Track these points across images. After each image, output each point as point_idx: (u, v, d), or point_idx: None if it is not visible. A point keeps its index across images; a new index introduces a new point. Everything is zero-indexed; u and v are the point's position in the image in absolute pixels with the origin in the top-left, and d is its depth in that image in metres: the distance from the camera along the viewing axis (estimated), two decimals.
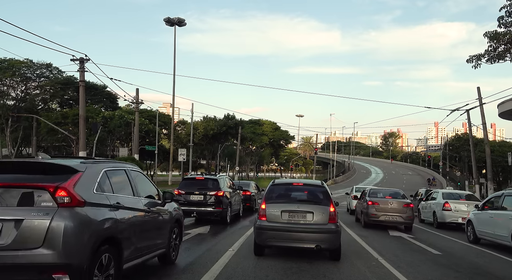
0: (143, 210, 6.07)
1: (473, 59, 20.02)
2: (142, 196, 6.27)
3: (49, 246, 4.23)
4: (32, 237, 4.23)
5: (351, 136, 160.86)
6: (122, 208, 5.40)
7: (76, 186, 4.66)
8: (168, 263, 7.21)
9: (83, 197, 4.67)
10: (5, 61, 45.92)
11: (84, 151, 20.78)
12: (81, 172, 4.90)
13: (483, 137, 31.10)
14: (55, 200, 4.42)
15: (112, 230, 5.02)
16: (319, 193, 8.72)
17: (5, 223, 4.25)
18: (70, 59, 20.50)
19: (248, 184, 22.27)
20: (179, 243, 7.72)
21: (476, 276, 7.76)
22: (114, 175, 5.65)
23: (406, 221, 15.01)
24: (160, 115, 56.50)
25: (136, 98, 31.51)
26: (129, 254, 5.44)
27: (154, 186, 7.07)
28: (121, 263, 5.21)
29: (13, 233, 4.22)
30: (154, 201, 6.70)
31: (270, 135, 79.23)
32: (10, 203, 4.43)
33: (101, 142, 48.99)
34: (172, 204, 7.46)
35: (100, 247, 4.75)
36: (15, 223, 4.24)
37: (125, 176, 6.04)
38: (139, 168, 6.94)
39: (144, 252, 6.02)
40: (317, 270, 7.33)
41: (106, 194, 5.21)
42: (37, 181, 4.55)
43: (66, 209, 4.43)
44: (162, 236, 6.74)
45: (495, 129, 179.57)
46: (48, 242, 4.23)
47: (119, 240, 5.15)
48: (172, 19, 29.37)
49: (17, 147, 51.13)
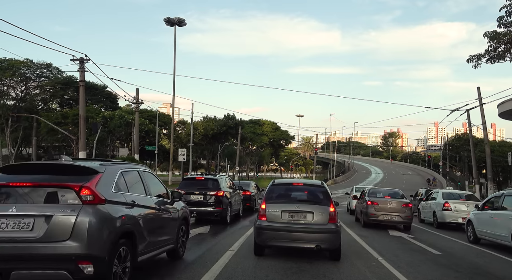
0: (154, 208, 6.54)
1: (473, 59, 20.00)
2: (153, 195, 6.72)
3: (76, 239, 4.69)
4: (61, 230, 4.70)
5: (351, 136, 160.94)
6: (137, 206, 5.86)
7: (98, 186, 5.14)
8: (176, 258, 7.66)
9: (103, 195, 5.13)
10: (5, 61, 45.92)
11: (84, 151, 20.76)
12: (101, 173, 5.38)
13: (483, 137, 31.10)
14: (80, 198, 4.90)
15: (128, 225, 5.50)
16: (319, 193, 8.72)
17: (37, 218, 4.73)
18: (70, 59, 20.47)
19: (248, 184, 22.27)
20: (186, 239, 8.16)
21: (476, 276, 7.77)
22: (128, 176, 6.10)
23: (405, 221, 15.12)
24: (160, 115, 56.53)
25: (136, 98, 31.51)
26: (142, 248, 5.89)
27: (163, 186, 7.46)
28: (136, 255, 5.69)
29: (44, 227, 4.69)
30: (164, 200, 7.14)
31: (270, 135, 79.24)
32: (38, 200, 4.89)
33: (101, 142, 49.01)
34: (180, 203, 7.93)
35: (118, 241, 5.21)
36: (46, 218, 4.72)
37: (138, 176, 6.49)
38: (149, 169, 7.45)
39: (156, 247, 6.45)
40: (317, 270, 7.33)
41: (123, 193, 5.68)
42: (63, 181, 5.04)
43: (89, 206, 4.90)
44: (171, 233, 7.18)
45: (495, 129, 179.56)
46: (74, 235, 4.70)
47: (134, 235, 5.61)
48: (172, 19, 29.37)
49: (17, 147, 51.13)
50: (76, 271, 4.69)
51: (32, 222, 4.72)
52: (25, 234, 4.68)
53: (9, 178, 5.16)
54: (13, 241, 4.64)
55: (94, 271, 4.75)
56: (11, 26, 14.94)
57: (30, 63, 46.73)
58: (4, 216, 4.74)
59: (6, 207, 4.79)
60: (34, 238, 4.65)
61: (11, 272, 4.65)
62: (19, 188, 4.99)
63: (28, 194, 4.95)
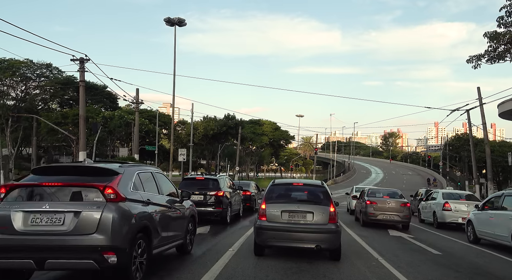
0: (166, 206, 7.16)
1: (473, 59, 20.01)
2: (165, 194, 7.37)
3: (101, 232, 5.25)
4: (88, 224, 5.26)
5: (351, 136, 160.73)
6: (151, 204, 6.46)
7: (119, 185, 5.73)
8: (185, 253, 8.30)
9: (124, 194, 5.72)
10: (5, 61, 45.90)
11: (84, 151, 20.72)
12: (121, 174, 5.98)
13: (483, 137, 31.09)
14: (104, 196, 5.47)
15: (145, 221, 6.08)
16: (319, 193, 8.72)
17: (67, 214, 5.31)
18: (70, 59, 20.42)
19: (248, 184, 22.28)
20: (193, 236, 8.79)
21: (476, 276, 7.77)
22: (143, 176, 6.71)
23: (403, 220, 15.31)
24: (160, 115, 56.51)
25: (136, 98, 31.48)
26: (157, 242, 6.50)
27: (173, 186, 8.12)
28: (151, 249, 6.29)
29: (74, 221, 5.26)
30: (174, 198, 7.78)
31: (270, 135, 79.25)
32: (67, 198, 5.47)
33: (101, 142, 48.99)
34: (188, 201, 8.56)
35: (136, 234, 5.79)
36: (75, 214, 5.30)
37: (152, 177, 7.10)
38: (161, 170, 8.07)
39: (167, 242, 7.07)
40: (317, 270, 7.33)
41: (139, 192, 6.27)
42: (89, 181, 5.64)
43: (112, 203, 5.48)
44: (180, 229, 7.80)
45: (495, 129, 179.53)
46: (100, 229, 5.25)
47: (150, 230, 6.20)
48: (172, 19, 29.34)
49: (17, 147, 51.12)
50: (102, 261, 5.23)
51: (63, 217, 5.30)
52: (57, 228, 5.26)
53: (41, 178, 5.75)
54: (47, 234, 5.22)
55: (117, 260, 5.29)
56: (11, 26, 14.92)
57: (30, 63, 46.69)
58: (38, 212, 5.32)
59: (40, 204, 5.38)
60: (65, 231, 5.23)
61: (45, 261, 5.17)
62: (50, 187, 5.56)
63: (59, 193, 5.52)
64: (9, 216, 5.28)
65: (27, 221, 5.29)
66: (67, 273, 6.55)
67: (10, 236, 5.21)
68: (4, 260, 5.23)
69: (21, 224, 5.27)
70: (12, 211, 5.31)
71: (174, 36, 30.75)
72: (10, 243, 5.19)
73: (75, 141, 39.08)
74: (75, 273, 6.53)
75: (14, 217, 5.28)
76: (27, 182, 5.77)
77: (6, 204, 5.41)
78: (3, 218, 5.28)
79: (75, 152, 38.78)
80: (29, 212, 5.32)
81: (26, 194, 5.57)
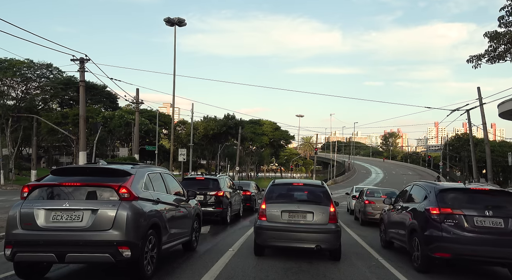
0: (173, 204, 7.60)
1: (473, 59, 20.00)
2: (172, 193, 7.83)
3: (116, 228, 5.66)
4: (105, 221, 5.67)
5: (351, 136, 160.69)
6: (161, 203, 6.89)
7: (132, 185, 6.11)
8: (191, 250, 8.70)
9: (136, 193, 6.11)
10: (5, 61, 45.94)
11: (84, 151, 20.71)
12: (133, 174, 6.36)
13: (483, 137, 31.09)
14: (119, 195, 5.88)
15: (155, 218, 6.49)
16: (319, 193, 8.71)
17: (85, 211, 5.71)
18: (70, 59, 20.43)
19: (248, 184, 22.28)
20: (198, 233, 9.27)
21: (476, 276, 7.76)
22: (153, 177, 7.12)
23: None
24: (160, 115, 56.51)
25: (136, 98, 31.48)
26: (165, 238, 6.94)
27: (180, 186, 8.57)
28: (160, 244, 6.72)
29: (92, 218, 5.66)
30: (181, 197, 8.21)
31: (270, 135, 79.26)
32: (85, 197, 5.85)
33: (101, 142, 49.01)
34: (194, 200, 9.02)
35: (148, 231, 6.18)
36: (92, 212, 5.70)
37: (160, 177, 7.50)
38: (168, 171, 8.44)
39: (175, 238, 7.51)
40: (317, 270, 7.33)
41: (150, 191, 6.68)
42: (105, 181, 6.03)
43: (126, 202, 5.87)
44: (187, 226, 8.25)
45: (495, 129, 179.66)
46: (115, 225, 5.66)
47: (159, 227, 6.60)
48: (172, 19, 29.31)
49: (17, 147, 51.14)
50: (117, 254, 5.63)
51: (81, 214, 5.70)
52: (76, 224, 5.66)
53: (60, 179, 6.13)
54: (67, 230, 5.64)
55: (131, 255, 5.69)
56: (11, 26, 14.94)
57: (31, 63, 46.75)
58: (59, 210, 5.72)
59: (60, 202, 5.78)
60: (83, 227, 5.63)
61: (66, 255, 5.57)
62: (69, 187, 5.95)
63: (76, 192, 5.91)
64: (32, 213, 5.68)
65: (49, 218, 5.68)
66: (79, 267, 7.02)
67: (34, 231, 5.62)
68: (28, 254, 5.65)
69: (43, 220, 5.67)
70: (35, 209, 5.71)
71: (174, 36, 30.68)
72: (34, 238, 5.60)
73: (75, 141, 39.11)
74: (87, 268, 7.02)
75: (37, 214, 5.68)
76: (47, 182, 6.11)
77: (29, 203, 5.81)
78: (27, 216, 5.69)
79: (75, 152, 38.81)
80: (50, 210, 5.72)
81: (47, 193, 5.96)
